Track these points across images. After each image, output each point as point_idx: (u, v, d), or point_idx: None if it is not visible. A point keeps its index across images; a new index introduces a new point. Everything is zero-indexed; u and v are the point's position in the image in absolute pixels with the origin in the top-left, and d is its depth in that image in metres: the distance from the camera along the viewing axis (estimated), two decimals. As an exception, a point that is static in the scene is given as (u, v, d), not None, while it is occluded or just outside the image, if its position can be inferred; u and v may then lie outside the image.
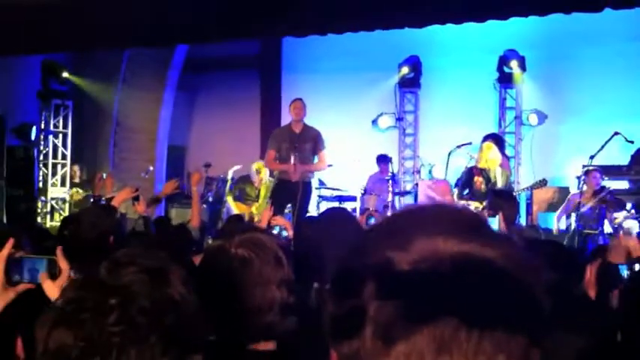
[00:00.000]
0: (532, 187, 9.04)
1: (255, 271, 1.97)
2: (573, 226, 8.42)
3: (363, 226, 4.88)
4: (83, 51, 11.80)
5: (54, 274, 2.14)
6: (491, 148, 8.49)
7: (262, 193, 9.89)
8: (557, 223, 9.05)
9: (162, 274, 1.33)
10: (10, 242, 2.18)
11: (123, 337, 1.18)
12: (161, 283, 1.30)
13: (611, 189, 8.68)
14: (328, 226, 3.49)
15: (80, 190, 12.34)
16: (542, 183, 8.82)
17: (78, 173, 12.68)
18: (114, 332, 1.18)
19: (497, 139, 9.75)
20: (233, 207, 9.98)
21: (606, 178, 8.94)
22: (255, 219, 8.97)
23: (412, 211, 0.88)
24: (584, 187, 8.56)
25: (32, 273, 2.18)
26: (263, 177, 9.92)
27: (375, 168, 11.19)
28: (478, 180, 8.31)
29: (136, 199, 5.56)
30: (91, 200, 10.49)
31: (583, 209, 8.41)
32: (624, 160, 9.62)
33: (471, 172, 8.47)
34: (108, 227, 3.97)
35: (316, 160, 8.55)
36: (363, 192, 10.59)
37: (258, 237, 2.12)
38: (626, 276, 3.68)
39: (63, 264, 2.16)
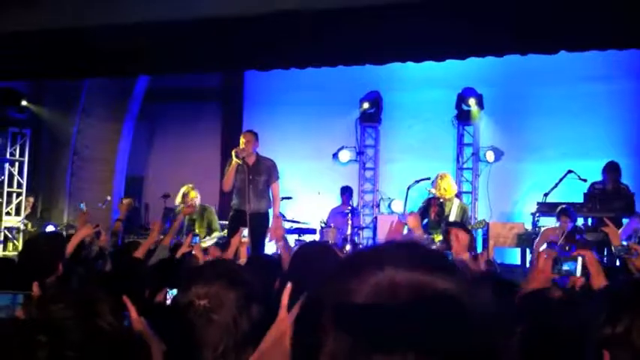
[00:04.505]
0: (473, 228, 9.14)
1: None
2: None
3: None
4: (43, 80, 11.67)
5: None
6: (446, 177, 8.91)
7: (199, 222, 9.35)
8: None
9: (91, 307, 1.34)
10: None
11: None
12: (90, 316, 1.31)
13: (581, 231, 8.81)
14: (305, 262, 3.37)
15: (30, 222, 12.13)
16: (482, 223, 9.33)
17: (32, 203, 12.48)
18: None
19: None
20: None
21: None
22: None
23: (375, 246, 0.91)
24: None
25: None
26: (192, 202, 9.23)
27: (334, 201, 11.21)
28: (433, 211, 8.57)
29: (97, 234, 5.49)
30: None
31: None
32: (578, 197, 9.80)
33: (429, 203, 8.78)
34: (55, 255, 3.93)
35: (270, 192, 8.50)
36: (323, 225, 10.59)
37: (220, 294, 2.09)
38: None
39: None
